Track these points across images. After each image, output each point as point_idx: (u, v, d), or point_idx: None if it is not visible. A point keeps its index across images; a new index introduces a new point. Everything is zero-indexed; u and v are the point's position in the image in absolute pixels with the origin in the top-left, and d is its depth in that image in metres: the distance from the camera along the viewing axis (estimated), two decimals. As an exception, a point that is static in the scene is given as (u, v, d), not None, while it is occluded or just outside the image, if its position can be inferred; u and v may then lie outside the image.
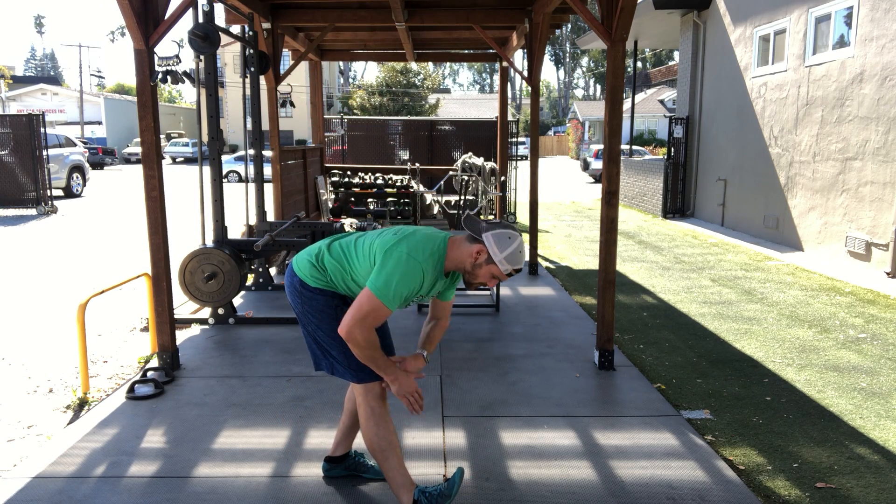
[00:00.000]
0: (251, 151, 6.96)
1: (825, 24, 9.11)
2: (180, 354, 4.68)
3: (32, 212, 13.79)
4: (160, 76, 4.31)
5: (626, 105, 28.48)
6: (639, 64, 51.94)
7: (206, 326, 5.44)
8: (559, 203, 17.20)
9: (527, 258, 8.64)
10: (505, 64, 10.07)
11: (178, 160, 37.66)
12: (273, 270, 7.64)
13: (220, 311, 5.43)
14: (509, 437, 3.47)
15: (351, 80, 53.32)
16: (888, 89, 7.72)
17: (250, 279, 6.93)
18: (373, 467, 3.04)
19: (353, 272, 2.57)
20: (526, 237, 10.62)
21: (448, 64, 74.76)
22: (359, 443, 3.34)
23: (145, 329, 5.58)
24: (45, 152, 13.80)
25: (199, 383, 4.22)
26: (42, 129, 13.65)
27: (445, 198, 11.34)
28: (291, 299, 2.70)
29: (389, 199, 10.05)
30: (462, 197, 10.58)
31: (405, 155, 12.08)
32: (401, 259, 2.41)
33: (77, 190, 17.59)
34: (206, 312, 5.59)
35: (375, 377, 2.62)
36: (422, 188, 10.88)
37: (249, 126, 7.26)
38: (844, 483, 3.10)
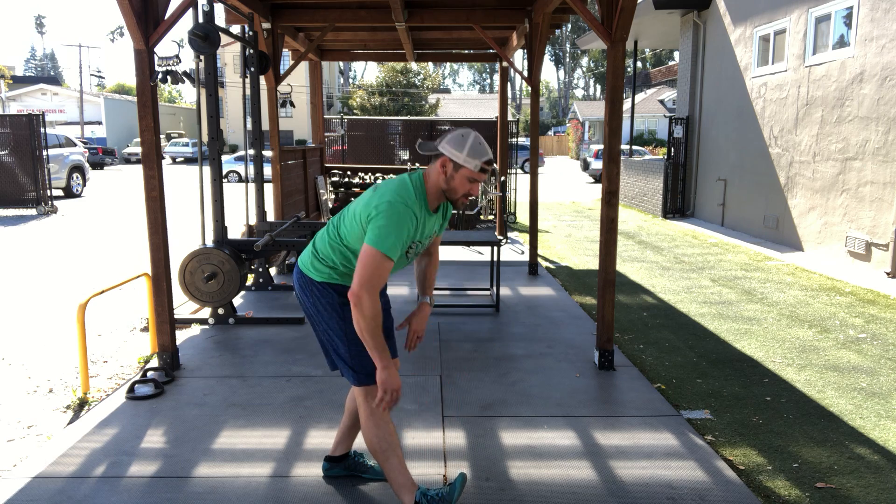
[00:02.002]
0: (251, 151, 6.96)
1: (825, 24, 9.11)
2: (180, 354, 4.68)
3: (32, 212, 13.79)
4: (160, 76, 4.31)
5: (626, 105, 28.49)
6: (639, 64, 51.96)
7: (206, 326, 5.44)
8: (559, 203, 17.20)
9: (527, 258, 8.64)
10: (505, 64, 10.07)
11: (178, 160, 37.66)
12: (273, 270, 7.64)
13: (220, 311, 5.43)
14: (509, 437, 3.47)
15: (351, 80, 53.33)
16: (888, 89, 7.72)
17: (250, 279, 6.93)
18: (372, 468, 3.04)
19: (346, 242, 2.57)
20: (526, 237, 10.62)
21: (448, 64, 74.77)
22: (359, 443, 3.34)
23: (145, 329, 5.58)
24: (45, 152, 13.80)
25: (199, 383, 4.23)
26: (42, 129, 13.65)
27: (445, 198, 11.33)
28: (300, 297, 2.70)
29: (389, 199, 10.04)
30: (462, 197, 10.57)
31: (405, 155, 12.08)
32: (391, 209, 2.40)
33: (77, 190, 17.59)
34: (206, 312, 5.59)
35: (375, 381, 2.62)
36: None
37: (249, 126, 7.27)
38: (844, 483, 3.10)
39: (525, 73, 7.56)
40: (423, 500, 2.61)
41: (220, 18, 42.96)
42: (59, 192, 16.80)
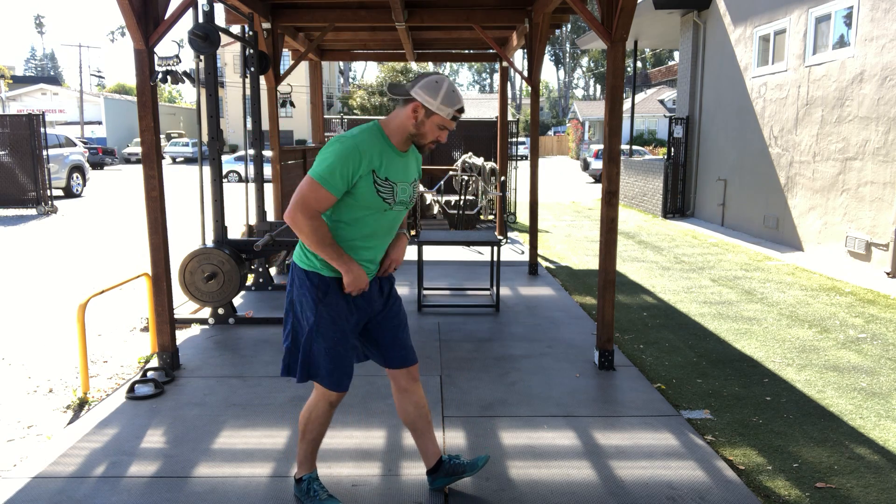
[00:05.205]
0: (251, 151, 6.96)
1: (825, 24, 9.11)
2: (180, 354, 4.68)
3: (32, 212, 13.79)
4: (160, 76, 4.31)
5: (626, 105, 28.49)
6: (639, 64, 51.96)
7: (206, 326, 5.44)
8: (559, 203, 17.20)
9: (527, 258, 8.64)
10: (505, 64, 10.07)
11: (178, 160, 37.67)
12: (273, 270, 7.64)
13: (220, 311, 5.43)
14: (509, 437, 3.47)
15: (351, 80, 53.31)
16: (888, 89, 7.72)
17: (250, 279, 6.93)
18: (468, 465, 2.91)
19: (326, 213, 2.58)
20: (526, 237, 10.62)
21: (448, 64, 74.76)
22: (450, 445, 3.34)
23: (145, 329, 5.58)
24: (45, 152, 13.80)
25: (199, 383, 4.23)
26: (42, 129, 13.65)
27: (445, 198, 11.34)
28: (289, 291, 2.67)
29: (389, 199, 10.03)
30: (462, 197, 10.58)
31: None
32: (334, 142, 2.44)
33: (77, 190, 17.59)
34: (206, 312, 5.59)
35: (335, 387, 2.61)
36: (422, 188, 10.88)
37: (249, 126, 7.27)
38: (844, 483, 3.10)
39: (525, 73, 7.56)
40: (307, 485, 2.78)
41: (220, 18, 42.97)
42: (59, 192, 16.80)
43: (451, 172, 11.33)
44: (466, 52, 11.24)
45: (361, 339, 2.79)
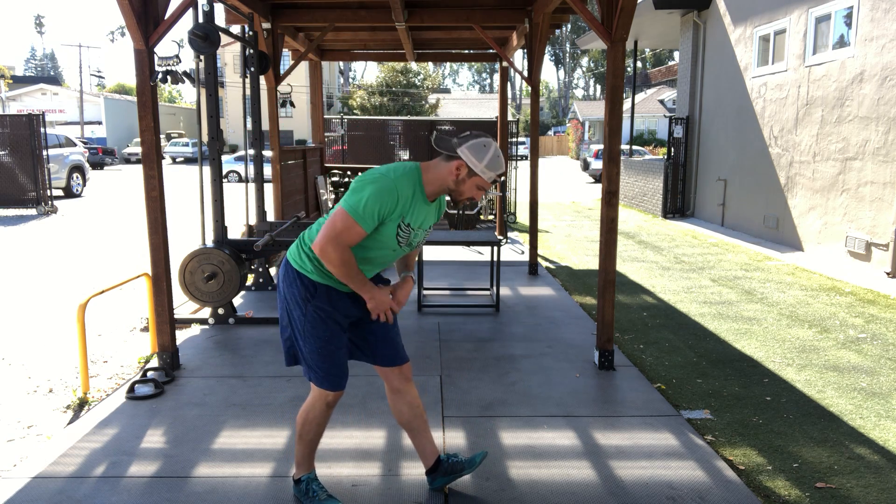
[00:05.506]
0: (251, 151, 6.96)
1: (825, 24, 9.11)
2: (180, 354, 4.68)
3: (32, 212, 13.79)
4: (160, 76, 4.31)
5: (626, 105, 28.48)
6: (639, 64, 51.94)
7: (206, 326, 5.44)
8: (559, 203, 17.20)
9: (527, 258, 8.64)
10: (505, 64, 10.07)
11: (178, 160, 37.65)
12: (273, 270, 7.64)
13: (220, 311, 5.43)
14: (509, 437, 3.47)
15: (351, 80, 53.30)
16: (888, 89, 7.72)
17: (250, 279, 6.93)
18: (465, 461, 2.92)
19: None
20: (526, 237, 10.62)
21: (448, 64, 74.78)
22: (450, 444, 3.34)
23: (145, 329, 5.58)
24: (45, 152, 13.80)
25: (199, 383, 4.23)
26: (42, 129, 13.65)
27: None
28: (279, 284, 2.69)
29: (389, 199, 10.02)
30: (462, 197, 10.58)
31: (405, 155, 12.08)
32: (372, 179, 2.44)
33: (77, 190, 17.59)
34: (206, 312, 5.59)
35: (332, 386, 2.64)
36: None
37: (249, 126, 7.27)
38: (844, 483, 3.10)
39: (525, 73, 7.56)
40: (305, 485, 2.79)
41: (220, 18, 42.96)
42: (59, 192, 16.79)
43: (451, 172, 11.31)
44: (466, 52, 11.24)
45: (350, 338, 2.78)
